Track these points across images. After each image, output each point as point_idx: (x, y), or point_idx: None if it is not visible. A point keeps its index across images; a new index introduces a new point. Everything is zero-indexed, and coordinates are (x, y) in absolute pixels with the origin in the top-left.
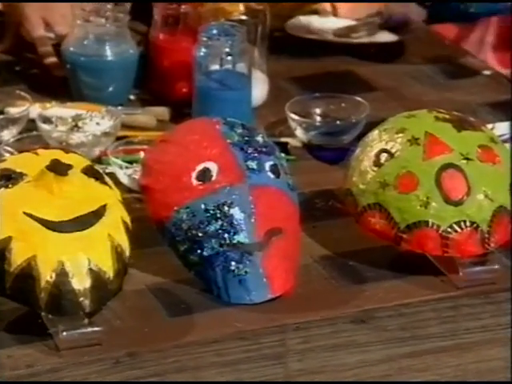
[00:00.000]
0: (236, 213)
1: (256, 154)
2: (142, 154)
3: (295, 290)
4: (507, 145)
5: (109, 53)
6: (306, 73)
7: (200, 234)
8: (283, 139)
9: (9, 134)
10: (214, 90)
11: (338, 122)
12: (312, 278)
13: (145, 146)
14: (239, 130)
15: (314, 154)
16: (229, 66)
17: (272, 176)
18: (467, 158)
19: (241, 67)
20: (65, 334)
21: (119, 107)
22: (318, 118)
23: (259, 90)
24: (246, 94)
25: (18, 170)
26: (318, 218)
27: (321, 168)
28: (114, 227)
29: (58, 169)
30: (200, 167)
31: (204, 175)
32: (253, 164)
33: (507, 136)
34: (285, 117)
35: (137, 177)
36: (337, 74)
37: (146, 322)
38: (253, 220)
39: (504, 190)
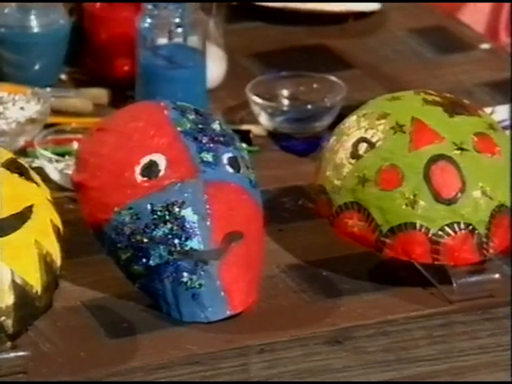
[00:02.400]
0: (188, 214)
1: (212, 145)
2: (75, 145)
3: (258, 306)
4: (508, 132)
5: (35, 23)
6: (271, 48)
7: (145, 240)
8: (244, 127)
9: None
10: (161, 68)
11: (308, 107)
12: (278, 292)
13: (79, 136)
14: (192, 116)
15: (280, 144)
16: (179, 40)
17: (231, 170)
18: (461, 148)
19: (193, 41)
20: None
21: (48, 89)
22: (286, 102)
23: (215, 68)
24: (199, 72)
25: None
26: (286, 220)
27: (289, 161)
28: (42, 232)
29: None
30: (145, 160)
31: (150, 170)
32: (208, 156)
33: (509, 122)
34: (246, 100)
35: (69, 172)
36: (307, 48)
37: (82, 345)
38: (208, 223)
39: (505, 186)
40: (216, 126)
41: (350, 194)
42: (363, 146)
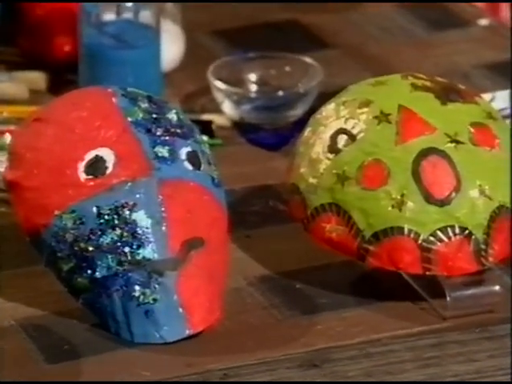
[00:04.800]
0: (140, 218)
1: (167, 138)
2: (8, 138)
3: (222, 324)
4: (509, 122)
5: None
6: (236, 24)
7: (90, 249)
8: (205, 116)
9: None
10: (108, 48)
11: (279, 93)
12: (245, 307)
13: (12, 127)
14: (144, 105)
15: (247, 136)
16: (129, 16)
17: (190, 167)
18: (455, 141)
19: (145, 17)
20: None
21: None
22: (253, 87)
23: (172, 48)
24: (152, 53)
25: None
26: (254, 224)
27: (257, 156)
28: None
29: None
30: (90, 156)
31: (95, 167)
32: (163, 151)
33: (510, 110)
34: (207, 85)
35: (1, 169)
36: (277, 25)
37: (16, 371)
38: (163, 228)
39: (506, 185)
40: (172, 115)
41: (327, 194)
42: (343, 139)
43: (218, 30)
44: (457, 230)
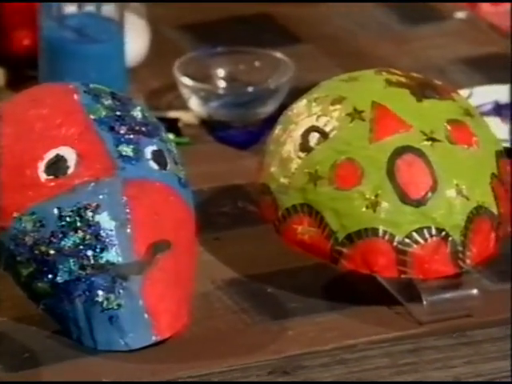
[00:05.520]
0: (104, 220)
1: (132, 136)
2: None
3: (190, 330)
4: (489, 119)
5: None
6: (204, 18)
7: (51, 252)
8: (172, 114)
9: None
10: (69, 42)
11: (249, 89)
12: (214, 312)
13: None
14: (107, 102)
15: (215, 134)
16: (91, 8)
17: (155, 167)
18: (432, 139)
19: (108, 10)
20: None
21: None
22: (222, 84)
23: (136, 42)
24: (116, 48)
25: None
26: (223, 226)
27: (226, 154)
28: None
29: None
30: (51, 155)
31: (57, 166)
32: (127, 150)
33: (489, 107)
34: (174, 81)
35: None
36: (247, 18)
37: None
38: (128, 230)
39: (484, 184)
40: (137, 113)
41: (299, 195)
42: (315, 137)
43: (185, 23)
44: (433, 232)
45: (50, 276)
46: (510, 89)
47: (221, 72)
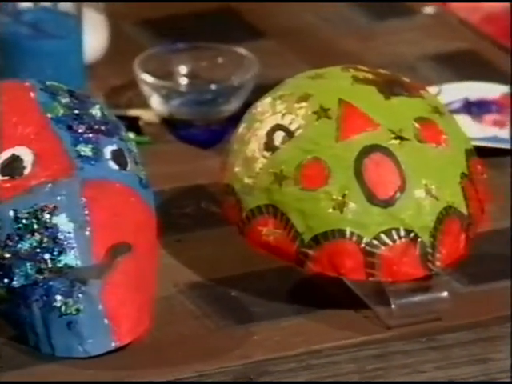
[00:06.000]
0: (62, 222)
1: (91, 135)
2: None
3: (151, 335)
4: (458, 116)
5: None
6: (164, 13)
7: (7, 255)
8: (132, 112)
9: None
10: (25, 37)
11: (212, 86)
12: (176, 317)
13: None
14: (65, 100)
15: (177, 133)
16: (47, 3)
17: (115, 167)
18: (400, 137)
19: (66, 5)
20: None
21: None
22: (183, 81)
23: (94, 38)
24: (74, 44)
25: None
26: (185, 227)
27: (188, 154)
28: None
29: None
30: (6, 155)
31: (12, 167)
32: (86, 149)
33: (458, 104)
34: (134, 78)
35: None
36: (209, 13)
37: None
38: (87, 232)
39: (453, 183)
40: (96, 111)
41: (264, 195)
42: (280, 136)
43: (145, 18)
44: (402, 233)
45: (5, 280)
46: (511, 91)
47: (182, 69)
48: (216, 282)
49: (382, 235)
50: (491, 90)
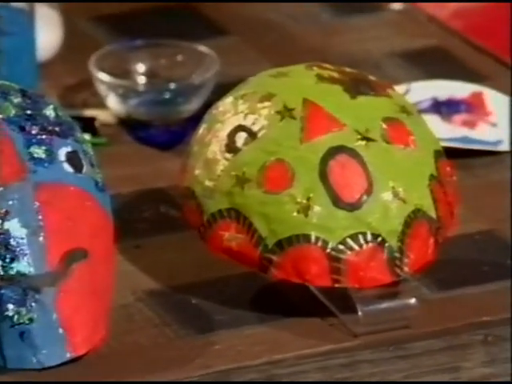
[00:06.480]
0: (14, 228)
1: (44, 137)
2: None
3: (108, 345)
4: (427, 116)
5: None
6: (121, 8)
7: None
8: (88, 112)
9: None
10: None
11: (171, 85)
12: (134, 326)
13: None
14: (17, 99)
15: (135, 134)
16: None
17: (70, 169)
18: (366, 138)
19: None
20: None
21: None
22: (142, 79)
23: (48, 34)
24: (26, 41)
25: None
26: (144, 232)
27: (146, 156)
28: None
29: None
30: None
31: None
32: (39, 151)
33: (427, 104)
34: (89, 77)
35: None
36: (168, 9)
37: None
38: (41, 238)
39: (422, 186)
40: (50, 111)
41: (225, 199)
42: (242, 137)
43: (101, 14)
44: (368, 237)
45: None
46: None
47: (140, 67)
48: (176, 289)
49: (348, 240)
50: (461, 89)
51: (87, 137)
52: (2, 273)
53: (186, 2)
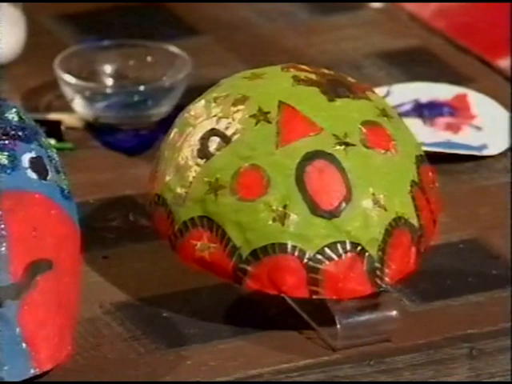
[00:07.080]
0: None
1: (7, 142)
2: None
3: (75, 360)
4: (408, 120)
5: None
6: (88, 6)
7: None
8: (53, 116)
9: None
10: None
11: (140, 88)
12: (102, 340)
13: None
14: None
15: (102, 139)
16: None
17: (34, 176)
18: (345, 143)
19: None
20: None
21: None
22: (109, 81)
23: (10, 34)
24: None
25: None
26: (112, 242)
27: (114, 161)
28: None
29: None
30: None
31: None
32: (1, 157)
33: (408, 106)
34: (54, 79)
35: None
36: (137, 8)
37: None
38: (3, 248)
39: (403, 192)
40: (12, 115)
41: (198, 207)
42: (215, 142)
43: (66, 13)
44: (348, 247)
45: None
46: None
47: (108, 68)
48: (146, 301)
49: (327, 249)
50: (444, 91)
51: (52, 142)
52: None
53: (156, 1)
